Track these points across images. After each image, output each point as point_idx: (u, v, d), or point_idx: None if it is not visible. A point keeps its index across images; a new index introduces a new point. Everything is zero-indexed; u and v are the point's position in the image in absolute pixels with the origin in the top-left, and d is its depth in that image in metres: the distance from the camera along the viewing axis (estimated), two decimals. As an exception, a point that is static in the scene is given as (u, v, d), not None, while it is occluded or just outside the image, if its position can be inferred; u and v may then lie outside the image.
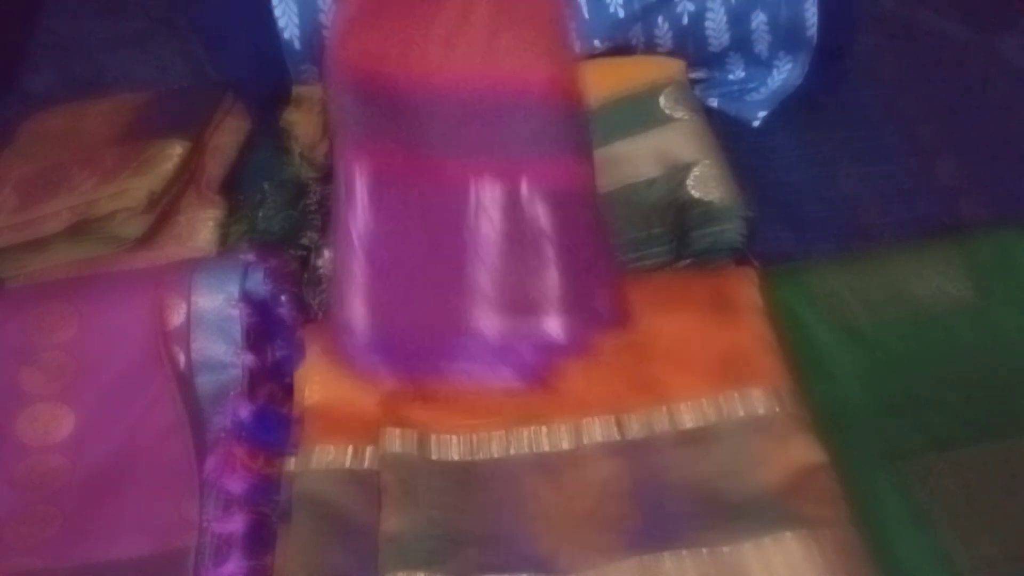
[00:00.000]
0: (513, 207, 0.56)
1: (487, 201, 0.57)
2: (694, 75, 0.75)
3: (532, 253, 0.56)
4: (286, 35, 0.72)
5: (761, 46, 0.73)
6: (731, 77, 0.76)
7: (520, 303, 0.56)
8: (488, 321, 0.56)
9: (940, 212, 0.68)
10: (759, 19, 0.71)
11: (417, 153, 0.57)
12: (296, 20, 0.72)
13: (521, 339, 0.56)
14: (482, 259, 0.56)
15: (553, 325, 0.56)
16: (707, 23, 0.72)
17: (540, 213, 0.56)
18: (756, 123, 0.75)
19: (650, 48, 0.75)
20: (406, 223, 0.57)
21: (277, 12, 0.71)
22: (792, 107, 0.74)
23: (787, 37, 0.72)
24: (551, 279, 0.56)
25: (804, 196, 0.69)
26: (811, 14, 0.71)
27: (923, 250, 0.61)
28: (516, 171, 0.57)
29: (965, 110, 0.75)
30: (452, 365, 0.57)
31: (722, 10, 0.72)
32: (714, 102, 0.76)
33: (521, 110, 0.57)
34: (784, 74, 0.74)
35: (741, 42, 0.73)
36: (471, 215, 0.57)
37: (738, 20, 0.72)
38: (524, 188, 0.56)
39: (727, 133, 0.69)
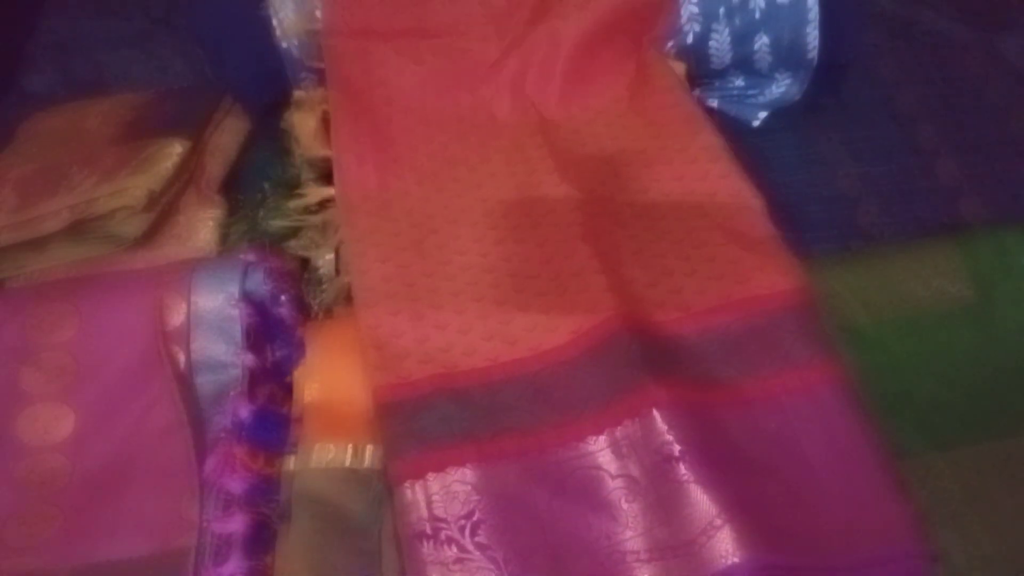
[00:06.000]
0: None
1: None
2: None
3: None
4: (284, 43, 0.72)
5: (762, 64, 0.73)
6: (731, 85, 0.76)
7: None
8: None
9: (940, 212, 0.68)
10: (762, 40, 0.72)
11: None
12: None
13: None
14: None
15: None
16: (711, 43, 0.72)
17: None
18: (756, 123, 0.75)
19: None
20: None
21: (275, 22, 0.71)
22: (792, 107, 0.74)
23: (788, 58, 0.72)
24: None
25: (804, 196, 0.69)
26: (812, 37, 0.71)
27: (923, 250, 0.61)
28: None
29: (965, 110, 0.75)
30: None
31: (726, 31, 0.72)
32: (714, 103, 0.76)
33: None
34: (783, 88, 0.74)
35: (743, 61, 0.73)
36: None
37: (741, 41, 0.72)
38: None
39: (727, 133, 0.68)
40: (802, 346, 0.55)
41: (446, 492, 0.51)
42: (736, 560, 0.47)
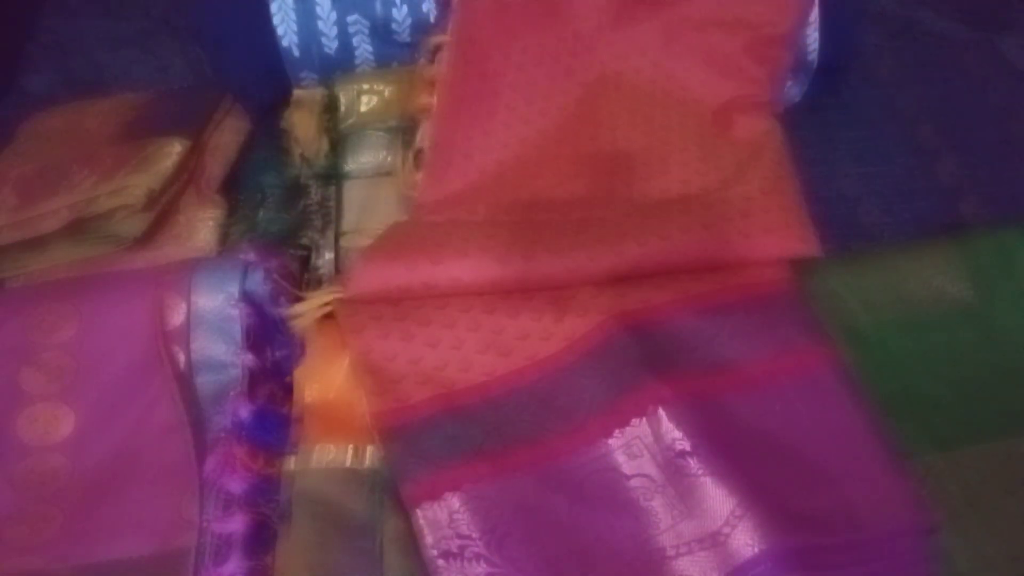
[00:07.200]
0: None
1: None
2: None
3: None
4: (284, 42, 0.72)
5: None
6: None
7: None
8: None
9: (940, 212, 0.68)
10: None
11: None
12: (295, 28, 0.72)
13: None
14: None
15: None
16: None
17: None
18: (756, 123, 0.75)
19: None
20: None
21: (276, 20, 0.71)
22: (792, 107, 0.74)
23: None
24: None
25: (804, 196, 0.69)
26: (812, 39, 0.71)
27: (923, 250, 0.61)
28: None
29: (965, 110, 0.75)
30: None
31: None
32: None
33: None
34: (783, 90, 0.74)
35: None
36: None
37: None
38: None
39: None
40: (799, 328, 0.56)
41: (467, 509, 0.51)
42: (762, 548, 0.48)
